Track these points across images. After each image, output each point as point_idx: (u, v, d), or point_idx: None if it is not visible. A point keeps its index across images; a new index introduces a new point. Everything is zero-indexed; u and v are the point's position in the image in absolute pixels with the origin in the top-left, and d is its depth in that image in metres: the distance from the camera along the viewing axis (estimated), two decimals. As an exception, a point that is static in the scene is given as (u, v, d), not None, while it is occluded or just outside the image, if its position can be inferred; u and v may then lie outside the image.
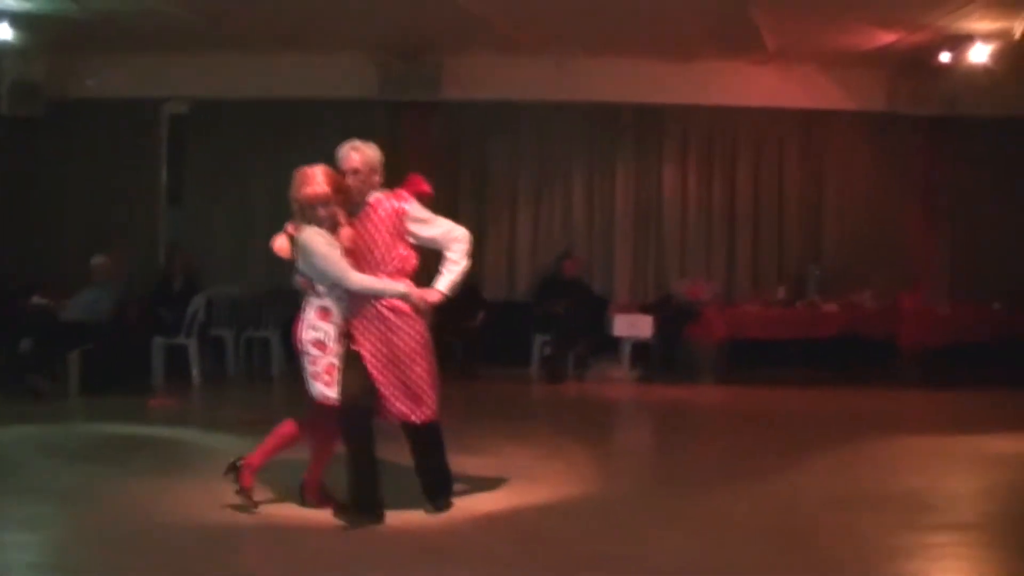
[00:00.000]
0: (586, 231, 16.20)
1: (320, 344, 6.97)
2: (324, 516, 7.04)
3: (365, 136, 7.22)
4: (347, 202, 7.04)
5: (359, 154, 7.14)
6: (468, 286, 14.98)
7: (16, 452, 9.53)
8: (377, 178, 7.20)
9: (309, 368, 7.01)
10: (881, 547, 6.58)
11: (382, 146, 7.36)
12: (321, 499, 7.25)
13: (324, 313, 7.00)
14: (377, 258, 7.10)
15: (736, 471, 9.10)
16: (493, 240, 16.03)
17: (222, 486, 7.17)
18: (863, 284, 15.62)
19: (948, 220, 16.37)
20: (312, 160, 7.04)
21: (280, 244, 7.07)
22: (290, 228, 7.04)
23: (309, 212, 6.91)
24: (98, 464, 9.09)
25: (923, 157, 16.23)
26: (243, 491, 7.10)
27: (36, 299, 13.72)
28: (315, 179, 6.90)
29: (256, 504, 7.13)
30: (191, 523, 6.91)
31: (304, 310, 7.07)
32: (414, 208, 7.22)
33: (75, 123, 15.82)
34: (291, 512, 7.19)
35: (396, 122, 15.45)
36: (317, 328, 6.99)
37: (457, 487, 7.48)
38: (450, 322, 14.46)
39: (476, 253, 15.11)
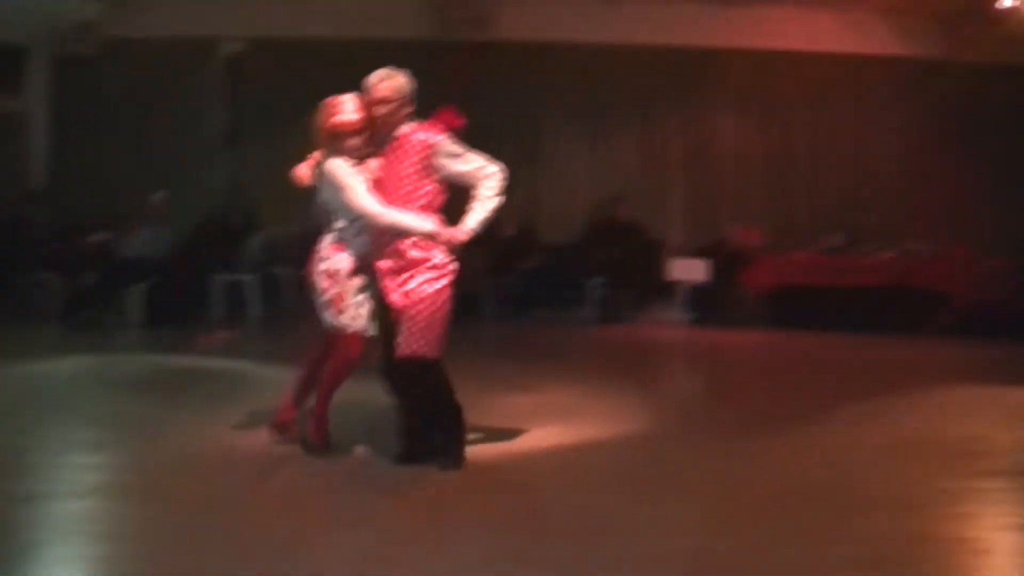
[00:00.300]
0: (641, 175, 16.16)
1: (332, 274, 6.75)
2: (373, 449, 7.11)
3: (417, 75, 6.91)
4: (376, 133, 6.75)
5: (390, 83, 6.69)
6: (524, 229, 15.18)
7: (80, 382, 9.88)
8: (408, 109, 6.75)
9: (321, 298, 6.80)
10: (930, 491, 6.57)
11: (434, 85, 7.21)
12: (320, 432, 7.02)
13: (338, 245, 6.78)
14: (404, 192, 6.67)
15: (782, 415, 9.09)
16: (548, 184, 16.05)
17: (268, 414, 7.26)
18: (917, 233, 15.50)
19: (1001, 171, 16.24)
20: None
21: (302, 171, 6.88)
22: (315, 157, 6.81)
23: (336, 142, 6.70)
24: (157, 393, 9.34)
25: (978, 105, 16.07)
26: (292, 437, 7.03)
27: (97, 235, 13.90)
28: (344, 107, 6.69)
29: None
30: (238, 448, 7.12)
31: (319, 242, 6.88)
32: (445, 141, 6.73)
33: (131, 62, 15.97)
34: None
35: (450, 62, 15.43)
36: (328, 259, 6.78)
37: (498, 424, 7.46)
38: (506, 264, 14.65)
39: (532, 197, 15.38)
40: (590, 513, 5.97)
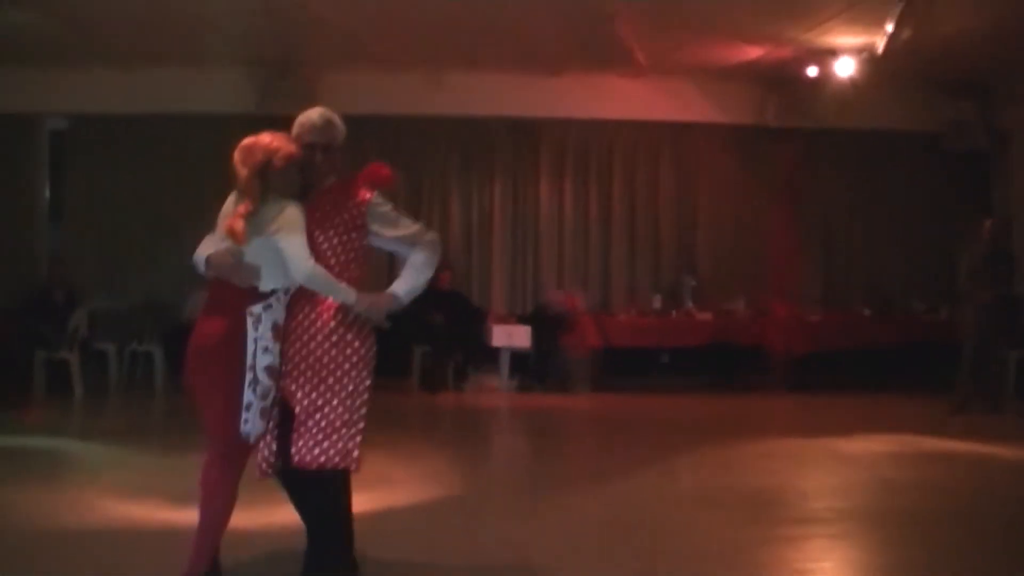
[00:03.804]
0: (464, 243, 16.33)
1: (273, 371, 5.40)
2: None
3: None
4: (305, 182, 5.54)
5: (338, 127, 5.62)
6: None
7: None
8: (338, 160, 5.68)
9: (254, 401, 5.34)
10: (730, 539, 6.87)
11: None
12: None
13: (275, 328, 5.40)
14: (319, 255, 5.45)
15: (597, 473, 9.38)
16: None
17: (82, 492, 7.11)
18: (736, 293, 15.96)
19: (818, 230, 16.80)
20: (188, 174, 6.46)
21: (237, 225, 5.24)
22: (243, 208, 5.30)
23: (266, 182, 5.35)
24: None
25: (793, 169, 16.59)
26: None
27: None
28: (277, 139, 5.42)
29: None
30: (46, 526, 6.89)
31: (229, 319, 5.32)
32: (377, 200, 5.58)
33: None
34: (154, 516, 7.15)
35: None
36: (270, 349, 5.37)
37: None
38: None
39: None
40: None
